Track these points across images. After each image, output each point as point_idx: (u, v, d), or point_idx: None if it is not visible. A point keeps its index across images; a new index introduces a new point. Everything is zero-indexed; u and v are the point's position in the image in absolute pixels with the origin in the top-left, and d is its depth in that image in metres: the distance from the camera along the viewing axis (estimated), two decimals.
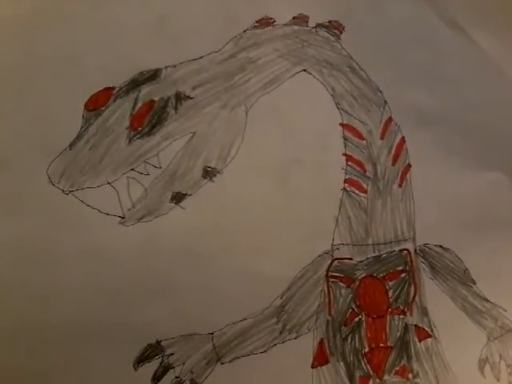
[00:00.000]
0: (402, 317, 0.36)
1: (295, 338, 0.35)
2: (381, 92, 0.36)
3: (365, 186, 0.35)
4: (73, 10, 0.33)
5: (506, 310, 0.37)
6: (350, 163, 0.35)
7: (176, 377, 0.33)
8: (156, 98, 0.33)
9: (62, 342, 0.32)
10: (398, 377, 0.35)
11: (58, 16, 0.32)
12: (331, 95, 0.35)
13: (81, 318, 0.32)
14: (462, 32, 0.36)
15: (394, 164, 0.36)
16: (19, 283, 0.32)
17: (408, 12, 0.36)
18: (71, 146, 0.32)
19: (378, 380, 0.35)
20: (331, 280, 0.35)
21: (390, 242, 0.36)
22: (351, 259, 0.35)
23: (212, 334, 0.34)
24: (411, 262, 0.36)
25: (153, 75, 0.33)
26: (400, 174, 0.36)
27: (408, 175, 0.36)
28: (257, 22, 0.34)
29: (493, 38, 0.36)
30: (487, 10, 0.36)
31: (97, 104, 0.32)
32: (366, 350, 0.35)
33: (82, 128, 0.32)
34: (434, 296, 0.36)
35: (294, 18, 0.35)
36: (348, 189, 0.35)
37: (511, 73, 0.36)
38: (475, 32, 0.36)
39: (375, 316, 0.35)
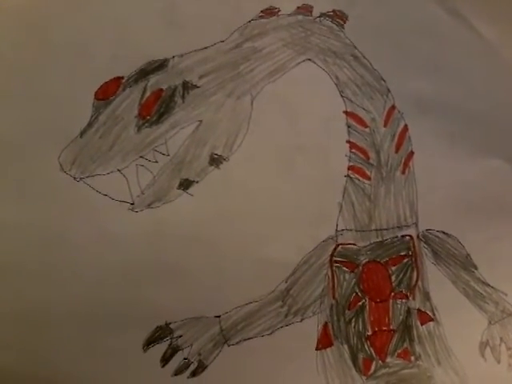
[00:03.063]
0: (404, 301, 0.36)
1: (300, 321, 0.35)
2: (384, 80, 0.36)
3: (368, 172, 0.36)
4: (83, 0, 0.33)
5: (506, 295, 0.37)
6: (353, 150, 0.35)
7: (184, 358, 0.34)
8: (164, 87, 0.33)
9: (72, 324, 0.33)
10: (400, 359, 0.36)
11: (67, 5, 0.32)
12: (335, 83, 0.35)
13: (91, 301, 0.33)
14: (463, 21, 0.36)
15: (397, 151, 0.36)
16: (31, 267, 0.32)
17: (410, 1, 0.36)
18: (82, 134, 0.32)
19: (380, 362, 0.36)
20: (335, 265, 0.35)
21: (393, 228, 0.36)
22: (355, 244, 0.36)
23: (219, 316, 0.34)
24: (414, 247, 0.36)
25: (161, 65, 0.33)
26: (403, 161, 0.36)
27: (411, 162, 0.36)
28: (262, 11, 0.35)
29: (494, 26, 0.36)
30: None
31: (106, 93, 0.32)
32: (370, 333, 0.36)
33: (92, 117, 0.32)
34: (436, 281, 0.36)
35: (298, 7, 0.35)
36: (352, 176, 0.35)
37: (511, 60, 0.36)
38: (477, 20, 0.36)
39: (378, 300, 0.36)
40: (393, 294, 0.36)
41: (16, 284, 0.32)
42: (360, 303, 0.36)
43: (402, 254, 0.36)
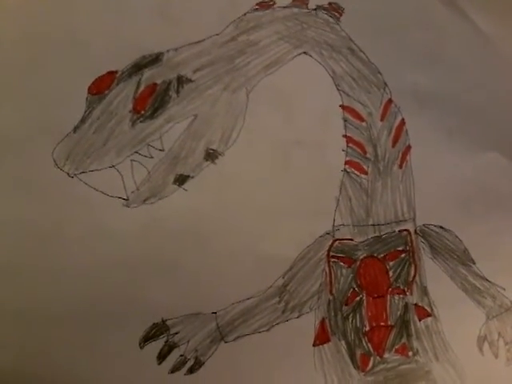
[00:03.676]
0: (402, 296, 0.36)
1: (297, 317, 0.35)
2: (380, 74, 0.36)
3: (365, 167, 0.36)
4: None
5: (504, 289, 0.37)
6: (350, 145, 0.35)
7: (181, 355, 0.34)
8: (158, 82, 0.33)
9: (67, 322, 0.32)
10: (398, 355, 0.36)
11: (62, 1, 0.32)
12: (331, 77, 0.35)
13: (87, 298, 0.32)
14: (460, 14, 0.36)
15: (394, 145, 0.36)
16: (25, 265, 0.32)
17: None
18: (75, 129, 0.32)
19: (378, 358, 0.36)
20: (332, 260, 0.35)
21: (391, 223, 0.36)
22: (352, 240, 0.36)
23: (216, 313, 0.34)
24: (411, 242, 0.36)
25: (155, 59, 0.33)
26: (400, 156, 0.36)
27: (408, 156, 0.36)
28: (257, 4, 0.34)
29: (492, 19, 0.36)
30: None
31: (100, 88, 0.32)
32: (367, 328, 0.36)
33: (85, 112, 0.32)
34: (434, 276, 0.36)
35: (293, 0, 0.35)
36: (348, 170, 0.35)
37: (509, 54, 0.36)
38: (474, 14, 0.36)
39: (376, 295, 0.36)
40: (390, 289, 0.36)
41: (10, 281, 0.32)
42: (357, 299, 0.36)
43: (400, 248, 0.36)
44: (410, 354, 0.36)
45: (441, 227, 0.37)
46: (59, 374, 0.33)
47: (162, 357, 0.34)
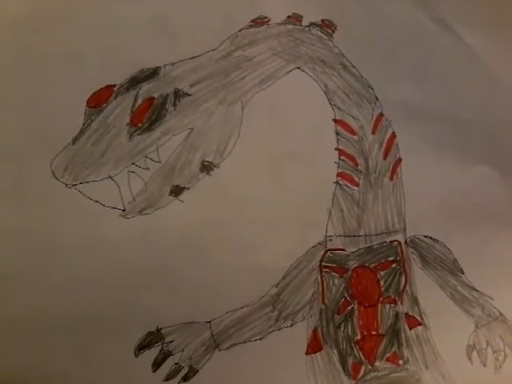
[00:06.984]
0: (393, 305, 0.36)
1: (290, 326, 0.35)
2: (372, 88, 0.36)
3: (357, 179, 0.36)
4: (75, 9, 0.33)
5: (492, 299, 0.38)
6: (342, 157, 0.36)
7: (175, 363, 0.34)
8: (155, 95, 0.33)
9: (64, 330, 0.32)
10: (389, 363, 0.36)
11: (60, 15, 0.33)
12: (324, 92, 0.36)
13: (83, 307, 0.33)
14: (449, 30, 0.36)
15: (385, 158, 0.36)
16: (23, 273, 0.32)
17: (398, 11, 0.36)
18: (74, 141, 0.33)
19: (369, 366, 0.36)
20: (324, 270, 0.36)
21: (382, 234, 0.36)
22: (344, 250, 0.36)
23: (210, 322, 0.34)
24: (402, 252, 0.37)
25: (152, 73, 0.33)
26: (391, 168, 0.36)
27: (399, 169, 0.37)
28: (252, 21, 0.35)
29: (479, 35, 0.36)
30: (474, 9, 0.36)
31: (98, 101, 0.33)
32: (358, 337, 0.36)
33: (84, 124, 0.33)
34: (424, 285, 0.37)
35: (288, 17, 0.36)
36: (340, 182, 0.36)
37: (497, 69, 0.37)
38: (463, 30, 0.36)
39: (367, 305, 0.36)
40: (381, 298, 0.36)
41: (7, 290, 0.32)
42: (349, 308, 0.36)
43: (391, 259, 0.36)
44: (401, 362, 0.36)
45: (430, 238, 0.37)
46: (55, 381, 0.33)
47: (156, 365, 0.34)
